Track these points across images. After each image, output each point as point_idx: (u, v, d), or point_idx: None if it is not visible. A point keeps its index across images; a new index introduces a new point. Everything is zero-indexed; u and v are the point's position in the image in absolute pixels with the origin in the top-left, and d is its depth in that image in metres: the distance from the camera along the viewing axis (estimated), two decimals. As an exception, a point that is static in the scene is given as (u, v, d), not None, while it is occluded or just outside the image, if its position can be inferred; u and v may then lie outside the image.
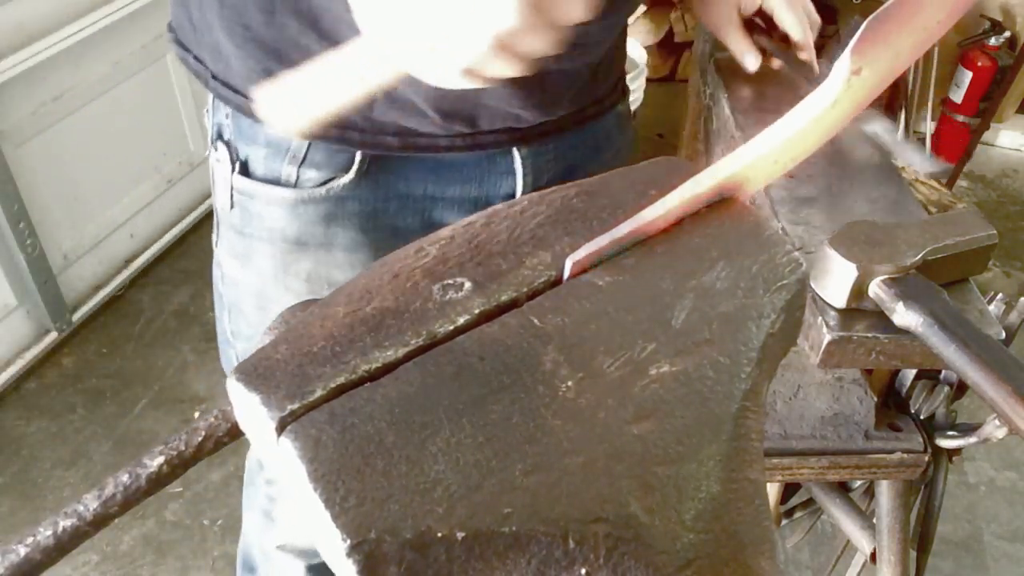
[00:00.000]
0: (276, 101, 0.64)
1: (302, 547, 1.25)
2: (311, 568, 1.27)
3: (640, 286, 0.38)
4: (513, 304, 0.37)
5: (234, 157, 0.86)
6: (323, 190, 0.84)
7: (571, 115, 0.89)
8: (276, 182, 0.85)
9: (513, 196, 0.91)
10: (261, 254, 0.91)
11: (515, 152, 0.88)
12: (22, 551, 0.31)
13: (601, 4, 0.55)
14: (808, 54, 1.02)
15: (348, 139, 0.81)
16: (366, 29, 0.58)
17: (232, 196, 0.89)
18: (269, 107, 0.65)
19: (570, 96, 0.87)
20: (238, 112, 0.85)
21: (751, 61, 1.04)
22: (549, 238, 0.40)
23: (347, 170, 0.83)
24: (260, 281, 0.93)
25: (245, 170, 0.86)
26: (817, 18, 1.06)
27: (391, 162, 0.85)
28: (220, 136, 0.88)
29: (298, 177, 0.84)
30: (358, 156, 0.83)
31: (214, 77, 0.84)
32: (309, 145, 0.82)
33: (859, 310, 0.73)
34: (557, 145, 0.91)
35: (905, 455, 0.86)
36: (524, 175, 0.90)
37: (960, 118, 3.05)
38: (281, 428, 0.32)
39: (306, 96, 0.64)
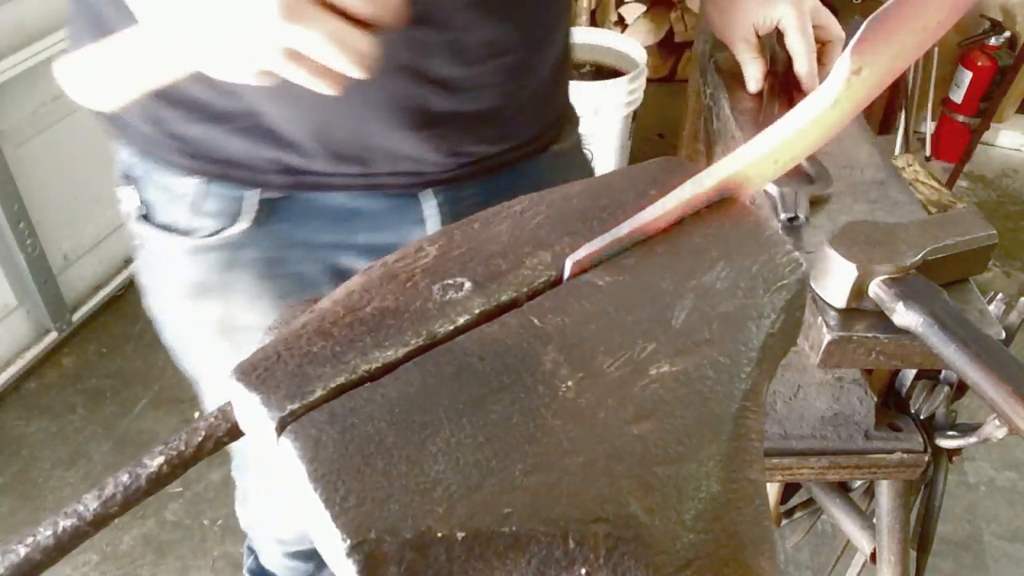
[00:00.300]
0: (82, 74, 0.62)
1: (275, 535, 1.26)
2: (289, 555, 1.28)
3: (640, 286, 0.38)
4: (513, 304, 0.37)
5: (139, 199, 0.84)
6: (217, 239, 0.82)
7: (490, 158, 0.84)
8: (173, 229, 0.83)
9: None
10: (168, 295, 0.90)
11: (425, 198, 0.83)
12: (22, 551, 0.31)
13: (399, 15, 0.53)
14: (810, 83, 1.00)
15: (232, 177, 0.78)
16: (143, 23, 0.56)
17: (138, 237, 0.87)
18: (73, 79, 0.62)
19: (484, 139, 0.82)
20: (135, 150, 0.82)
21: (753, 83, 1.02)
22: (549, 238, 0.40)
23: (240, 218, 0.81)
24: (173, 318, 0.93)
25: (147, 214, 0.84)
26: (840, 33, 1.02)
27: (287, 209, 0.81)
28: (125, 175, 0.85)
29: (193, 225, 0.82)
30: (251, 204, 0.80)
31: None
32: (200, 191, 0.80)
33: (859, 310, 0.73)
34: (478, 191, 0.85)
35: (905, 455, 0.86)
36: (442, 223, 0.84)
37: (960, 118, 3.06)
38: (281, 428, 0.32)
39: (111, 72, 0.61)
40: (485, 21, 0.74)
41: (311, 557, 1.29)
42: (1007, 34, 2.90)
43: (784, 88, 1.04)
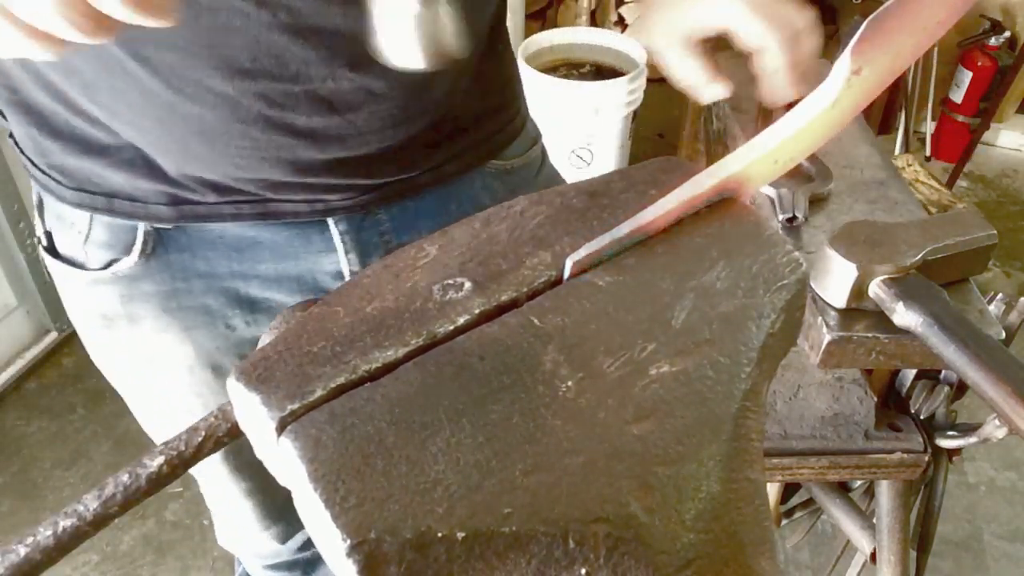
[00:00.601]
0: None
1: (250, 549, 1.25)
2: (269, 567, 1.28)
3: (640, 286, 0.38)
4: (513, 304, 0.37)
5: (44, 228, 0.82)
6: (109, 272, 0.78)
7: (400, 183, 0.78)
8: (69, 261, 0.81)
9: (340, 274, 0.81)
10: (80, 323, 0.88)
11: (331, 225, 0.78)
12: (22, 551, 0.31)
13: None
14: (793, 87, 0.73)
15: (118, 210, 0.75)
16: None
17: (48, 266, 0.85)
18: None
19: (383, 173, 0.76)
20: (33, 179, 0.79)
21: (709, 92, 0.77)
22: (549, 238, 0.40)
23: (132, 250, 0.77)
24: (89, 344, 0.90)
25: (49, 244, 0.82)
26: (800, 27, 0.72)
27: (180, 239, 0.77)
28: (36, 202, 0.82)
29: (86, 256, 0.79)
30: (140, 235, 0.76)
31: (11, 135, 0.79)
32: (91, 222, 0.77)
33: (859, 310, 0.73)
34: (391, 216, 0.80)
35: (905, 455, 0.86)
36: (346, 252, 0.79)
37: (960, 118, 3.06)
38: (281, 428, 0.32)
39: None
40: (345, 73, 0.67)
41: (293, 568, 1.28)
42: (1007, 34, 2.90)
43: None
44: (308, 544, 1.21)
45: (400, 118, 0.73)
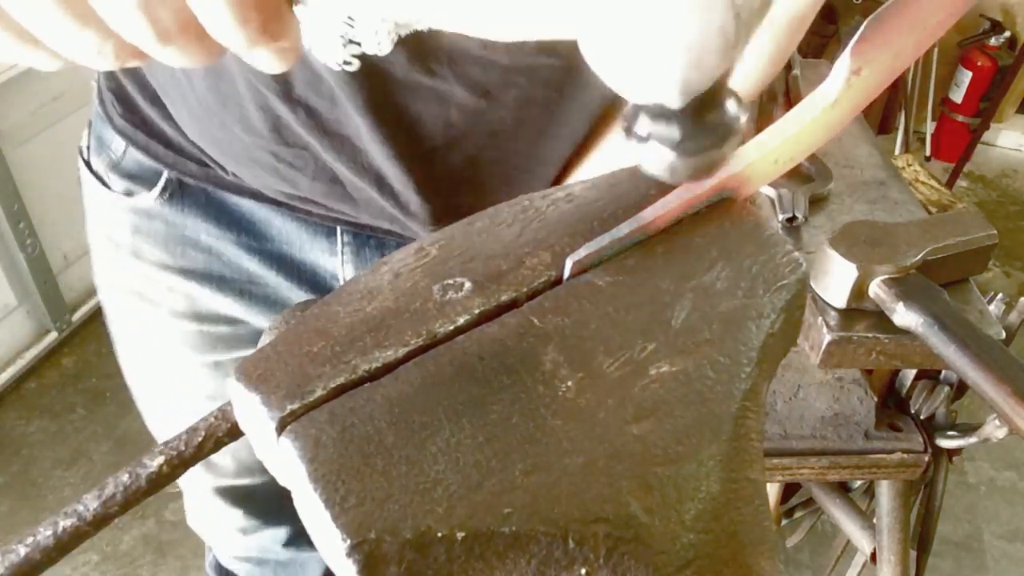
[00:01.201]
0: None
1: (220, 538, 1.25)
2: (239, 559, 1.28)
3: (640, 286, 0.38)
4: (513, 304, 0.37)
5: (87, 139, 0.86)
6: (129, 201, 0.82)
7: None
8: (98, 177, 0.85)
9: (336, 277, 0.84)
10: (93, 238, 0.91)
11: (339, 234, 0.81)
12: (22, 551, 0.31)
13: None
14: None
15: (152, 152, 0.79)
16: None
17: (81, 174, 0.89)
18: None
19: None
20: (97, 91, 0.83)
21: None
22: (549, 238, 0.40)
23: (154, 186, 0.81)
24: (96, 261, 0.93)
25: (87, 157, 0.86)
26: None
27: (199, 195, 0.81)
28: (91, 120, 0.87)
29: (110, 180, 0.83)
30: (163, 178, 0.80)
31: None
32: (125, 151, 0.81)
33: (859, 310, 0.73)
34: (402, 243, 0.82)
35: (905, 455, 0.86)
36: (343, 263, 0.83)
37: (960, 118, 3.06)
38: (281, 428, 0.32)
39: None
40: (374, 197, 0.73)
41: (262, 565, 1.28)
42: (1007, 34, 2.91)
43: (784, 89, 1.04)
44: (293, 541, 1.20)
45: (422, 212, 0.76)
